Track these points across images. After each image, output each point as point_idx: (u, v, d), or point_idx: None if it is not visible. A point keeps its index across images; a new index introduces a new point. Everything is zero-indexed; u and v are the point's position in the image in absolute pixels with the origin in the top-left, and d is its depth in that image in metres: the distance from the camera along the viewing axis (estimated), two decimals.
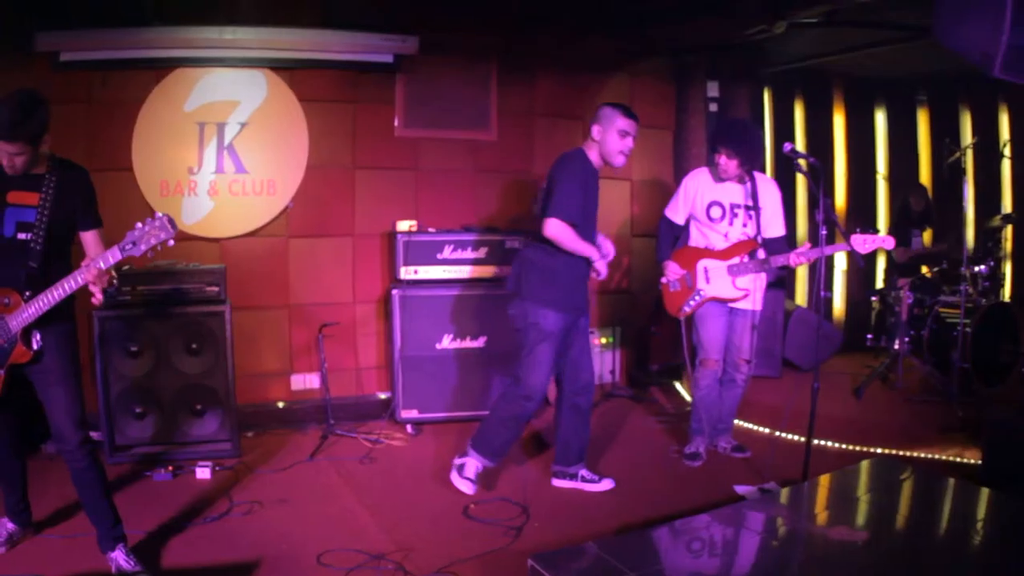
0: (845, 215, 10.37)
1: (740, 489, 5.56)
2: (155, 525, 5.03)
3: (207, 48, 6.85)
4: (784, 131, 9.97)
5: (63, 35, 6.51)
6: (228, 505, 5.42)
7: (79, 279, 4.01)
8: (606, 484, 5.72)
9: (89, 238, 4.33)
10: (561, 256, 5.34)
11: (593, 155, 5.46)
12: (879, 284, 9.95)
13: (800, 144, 10.13)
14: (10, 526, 4.71)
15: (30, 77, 6.27)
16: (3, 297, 4.10)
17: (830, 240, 5.55)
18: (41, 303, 4.04)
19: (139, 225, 4.01)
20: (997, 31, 4.43)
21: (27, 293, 4.08)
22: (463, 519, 5.23)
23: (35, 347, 4.16)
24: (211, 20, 6.77)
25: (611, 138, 5.38)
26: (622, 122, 5.40)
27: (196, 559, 4.62)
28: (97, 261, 4.00)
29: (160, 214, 4.07)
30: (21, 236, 4.13)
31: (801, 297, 10.13)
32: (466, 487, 5.52)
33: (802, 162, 5.41)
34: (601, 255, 5.42)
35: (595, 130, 5.43)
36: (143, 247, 4.01)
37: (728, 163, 5.85)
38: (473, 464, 5.54)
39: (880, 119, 10.61)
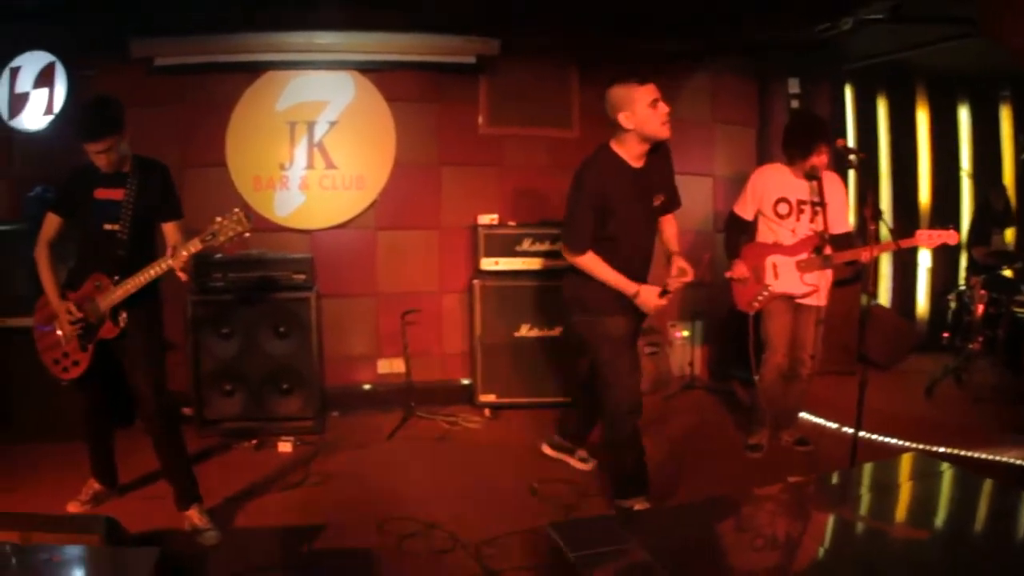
0: (929, 212, 10.18)
1: (795, 481, 5.54)
2: (233, 492, 5.34)
3: (297, 52, 7.13)
4: (867, 128, 9.84)
5: (156, 41, 6.86)
6: (304, 475, 5.69)
7: (165, 264, 4.40)
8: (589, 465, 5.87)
9: (169, 228, 4.71)
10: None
11: (629, 148, 4.84)
12: (961, 283, 9.64)
13: (883, 141, 9.97)
14: (97, 486, 5.08)
15: (126, 82, 6.64)
16: (95, 280, 4.55)
17: (879, 238, 5.43)
18: (129, 285, 4.45)
19: (218, 219, 4.39)
20: None
21: (116, 277, 4.50)
22: (523, 496, 5.36)
23: (121, 324, 4.57)
24: (300, 25, 7.04)
25: (645, 115, 4.71)
26: (640, 91, 4.72)
27: (266, 521, 4.91)
28: (181, 250, 4.37)
29: (236, 209, 4.42)
30: (108, 227, 4.55)
31: (884, 295, 10.00)
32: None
33: (852, 158, 5.38)
34: (634, 292, 4.86)
35: (623, 117, 4.71)
36: (221, 238, 4.38)
37: (825, 158, 5.80)
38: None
39: (963, 116, 10.36)
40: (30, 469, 5.72)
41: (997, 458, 5.95)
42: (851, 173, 6.26)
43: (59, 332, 4.66)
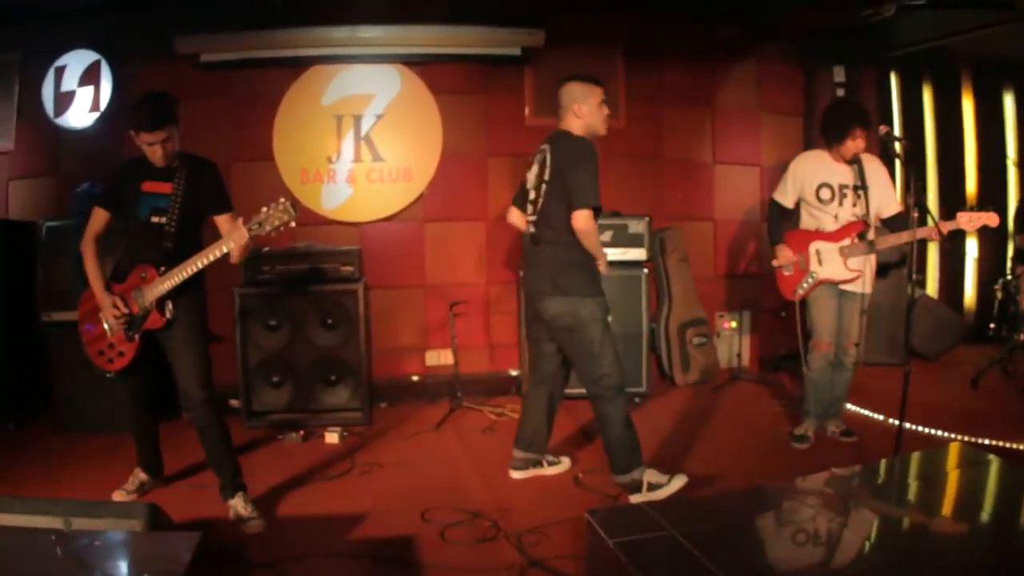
0: (976, 199, 9.95)
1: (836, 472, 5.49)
2: (278, 481, 5.35)
3: (341, 46, 7.17)
4: (913, 115, 9.69)
5: (201, 38, 6.96)
6: (349, 465, 5.70)
7: (216, 253, 4.46)
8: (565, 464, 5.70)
9: (222, 221, 4.75)
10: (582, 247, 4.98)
11: (579, 134, 5.10)
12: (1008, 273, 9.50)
13: (928, 128, 9.81)
14: (143, 476, 5.13)
15: (171, 78, 6.68)
16: (141, 271, 4.60)
17: (926, 222, 5.36)
18: (176, 275, 4.50)
19: (264, 209, 4.41)
20: None
21: (162, 268, 4.54)
22: (567, 487, 5.33)
23: (167, 315, 4.61)
24: (344, 19, 7.08)
25: (596, 110, 5.11)
26: (597, 93, 5.13)
27: (310, 510, 4.90)
28: (227, 240, 4.43)
29: (282, 199, 4.43)
30: (155, 220, 4.61)
31: (931, 285, 9.84)
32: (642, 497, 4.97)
33: (896, 145, 5.30)
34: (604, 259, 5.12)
35: (578, 108, 5.08)
36: (267, 228, 4.40)
37: (863, 142, 5.74)
38: (649, 473, 5.03)
39: (1009, 103, 10.15)
40: (76, 459, 5.81)
41: None
42: (897, 160, 6.15)
43: (104, 324, 4.71)
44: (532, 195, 5.23)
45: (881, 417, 6.77)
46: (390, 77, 7.42)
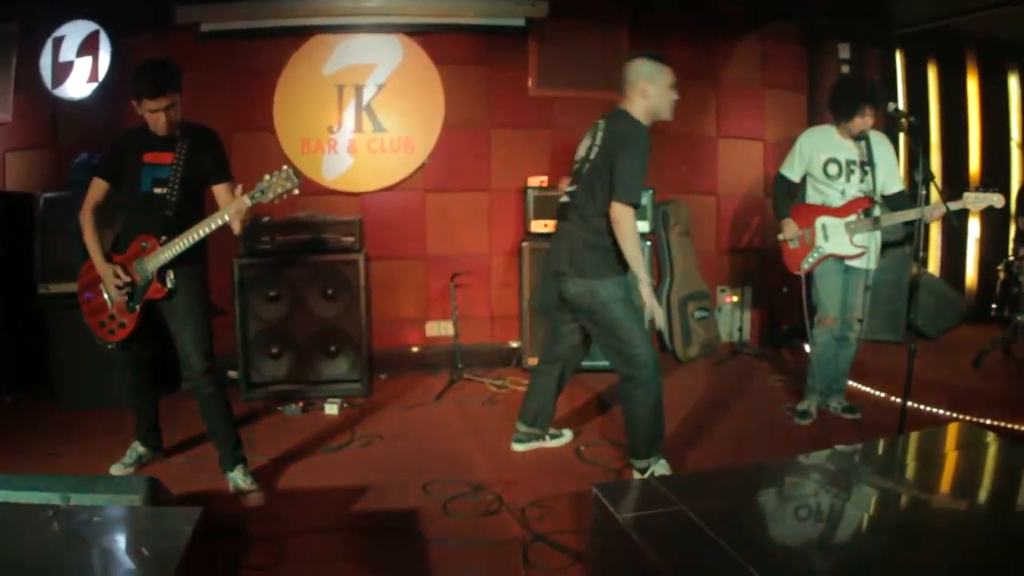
0: (979, 179, 9.87)
1: (841, 449, 5.41)
2: (278, 453, 5.29)
3: (343, 16, 7.05)
4: (918, 94, 9.56)
5: (202, 7, 6.81)
6: (349, 437, 5.63)
7: (216, 222, 4.37)
8: (566, 436, 5.65)
9: (220, 191, 4.67)
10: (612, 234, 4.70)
11: (640, 115, 4.77)
12: (1011, 254, 9.39)
13: (933, 108, 9.69)
14: (140, 449, 5.06)
15: (171, 49, 6.62)
16: (142, 241, 4.51)
17: (928, 201, 5.29)
18: (178, 244, 4.41)
19: (266, 177, 4.33)
20: None
21: (163, 238, 4.45)
22: (569, 460, 5.27)
23: (168, 285, 4.53)
24: None
25: (666, 92, 4.76)
26: (669, 75, 4.79)
27: (310, 483, 4.83)
28: (230, 207, 4.33)
29: (285, 167, 4.36)
30: (157, 191, 4.51)
31: (933, 264, 9.76)
32: None
33: (903, 121, 5.21)
34: (648, 281, 4.71)
35: (647, 88, 4.73)
36: (270, 195, 4.32)
37: (870, 120, 5.67)
38: (661, 466, 4.86)
39: (1014, 84, 10.05)
40: (75, 433, 5.72)
41: None
42: (901, 137, 6.08)
43: (105, 295, 4.63)
44: (575, 167, 5.07)
45: (883, 394, 6.74)
46: (392, 47, 7.30)
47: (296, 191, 4.38)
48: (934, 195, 5.25)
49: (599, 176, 4.72)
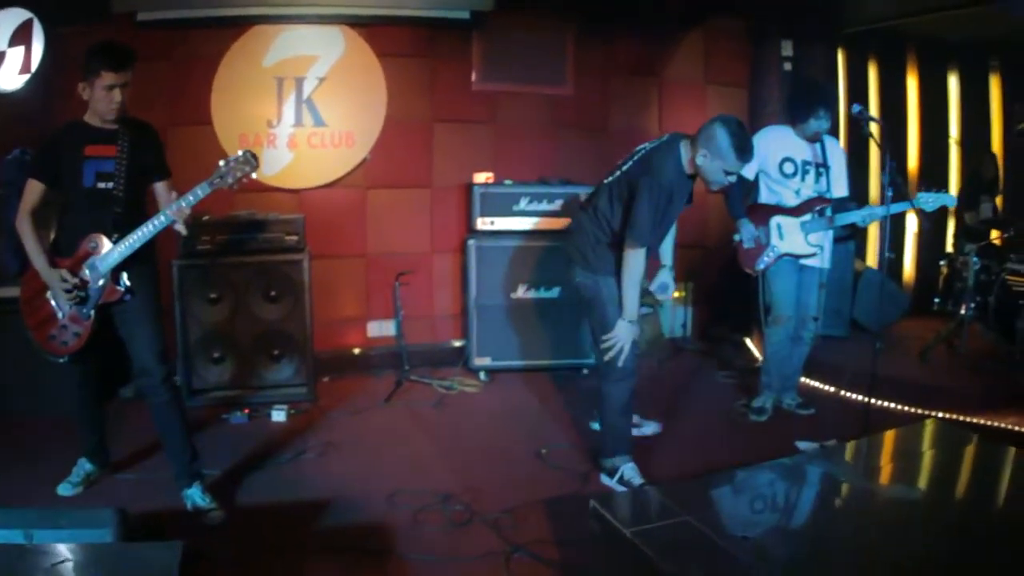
0: (917, 178, 9.86)
1: (802, 445, 5.40)
2: (230, 465, 4.99)
3: (284, 5, 6.69)
4: (858, 92, 9.48)
5: None
6: (302, 447, 5.35)
7: (168, 214, 4.09)
8: (651, 427, 5.68)
9: (161, 187, 4.41)
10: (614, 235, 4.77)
11: (687, 155, 4.65)
12: (949, 248, 9.45)
13: (873, 106, 9.64)
14: (88, 466, 4.68)
15: (108, 37, 6.21)
16: (90, 241, 4.15)
17: (897, 200, 5.33)
18: (130, 242, 4.11)
19: (222, 162, 4.15)
20: None
21: (115, 236, 4.13)
22: (532, 462, 5.15)
23: (123, 286, 4.20)
24: None
25: (717, 171, 4.56)
26: (733, 164, 4.55)
27: (270, 498, 4.56)
28: (187, 196, 4.07)
29: (242, 150, 4.19)
30: (102, 185, 4.17)
31: (872, 258, 9.70)
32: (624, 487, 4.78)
33: (873, 127, 5.15)
34: (629, 319, 4.67)
35: (702, 156, 4.54)
36: (230, 179, 4.12)
37: (825, 125, 5.71)
38: (629, 468, 4.79)
39: (953, 83, 10.12)
40: (18, 447, 5.25)
41: (994, 424, 5.81)
42: (871, 139, 6.00)
43: (53, 305, 4.25)
44: (614, 168, 5.02)
45: (832, 389, 6.78)
46: (334, 38, 6.96)
47: (254, 175, 4.25)
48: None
49: (618, 194, 4.80)
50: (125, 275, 4.19)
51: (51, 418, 5.37)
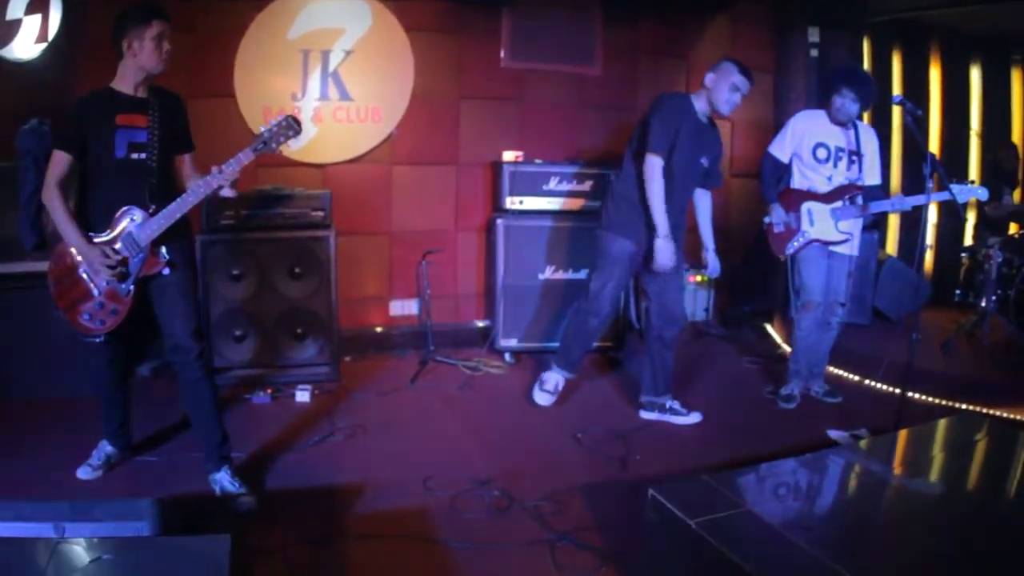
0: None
1: (833, 434, 5.28)
2: (256, 447, 4.77)
3: None
4: (881, 81, 9.28)
5: None
6: (330, 428, 5.13)
7: (216, 179, 3.90)
8: (694, 417, 5.53)
9: (187, 159, 4.24)
10: (640, 190, 5.17)
11: (701, 103, 5.24)
12: (968, 240, 9.43)
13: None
14: (109, 449, 4.45)
15: (127, 7, 5.91)
16: (130, 214, 3.92)
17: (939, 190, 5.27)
18: (170, 211, 3.90)
19: (264, 128, 3.99)
20: None
21: (152, 208, 3.91)
22: (568, 446, 4.99)
23: (164, 258, 3.98)
24: None
25: (723, 89, 5.13)
26: (737, 78, 5.14)
27: (301, 482, 4.35)
28: (231, 162, 3.90)
29: (285, 115, 4.03)
30: (135, 156, 3.95)
31: (892, 246, 9.58)
32: (544, 399, 5.68)
33: (910, 117, 5.00)
34: (663, 234, 5.10)
35: (709, 78, 5.20)
36: (274, 145, 4.01)
37: (852, 107, 5.55)
38: (553, 378, 5.67)
39: (975, 75, 10.00)
40: (32, 429, 4.97)
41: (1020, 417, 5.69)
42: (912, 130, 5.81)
43: (88, 282, 3.99)
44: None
45: (856, 378, 6.68)
46: (361, 11, 6.69)
47: (294, 142, 4.40)
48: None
49: (636, 143, 5.28)
50: (164, 248, 3.96)
51: (57, 399, 5.20)
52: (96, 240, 3.90)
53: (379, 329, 7.14)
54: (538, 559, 3.57)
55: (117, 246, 3.89)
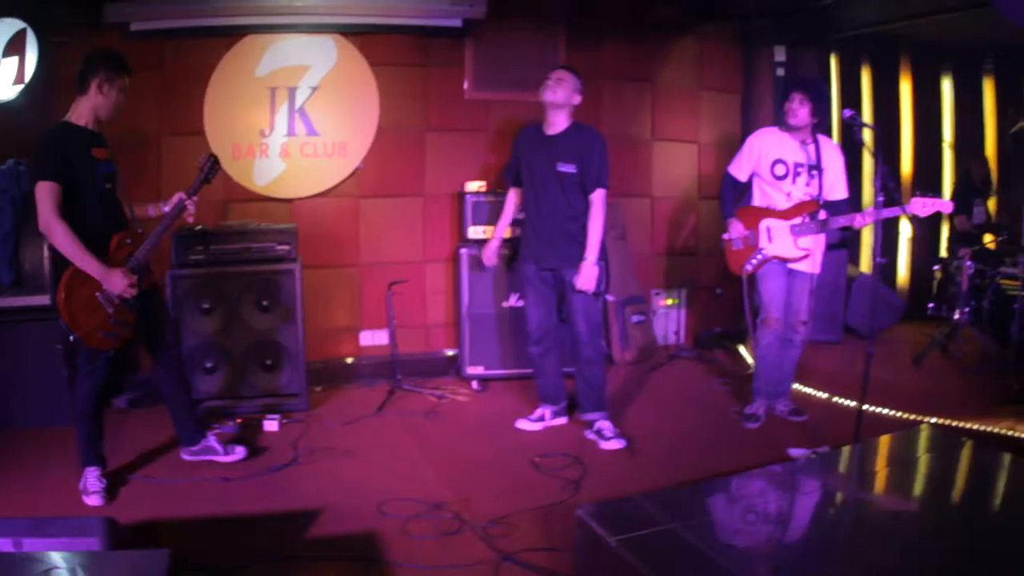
0: (911, 182, 10.06)
1: (793, 452, 5.42)
2: (223, 474, 5.07)
3: (277, 15, 6.79)
4: (850, 97, 9.64)
5: (132, 5, 6.48)
6: (294, 455, 5.42)
7: (182, 205, 4.73)
8: (614, 444, 5.61)
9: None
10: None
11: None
12: (943, 253, 9.63)
13: (866, 110, 9.84)
14: (97, 470, 4.74)
15: (107, 46, 6.30)
16: (125, 238, 4.50)
17: (889, 206, 5.34)
18: (156, 236, 4.59)
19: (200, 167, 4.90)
20: None
21: (139, 230, 4.57)
22: (525, 471, 5.19)
23: (151, 274, 4.74)
24: None
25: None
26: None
27: (262, 506, 4.62)
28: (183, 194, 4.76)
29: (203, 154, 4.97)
30: (108, 187, 4.51)
31: (865, 263, 9.78)
32: (524, 425, 6.03)
33: (866, 133, 5.21)
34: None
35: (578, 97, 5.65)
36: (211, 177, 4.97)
37: (800, 108, 5.66)
38: (540, 410, 6.06)
39: (947, 87, 10.25)
40: (10, 457, 5.33)
41: (988, 428, 5.86)
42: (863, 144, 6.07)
43: (106, 304, 4.44)
44: None
45: (825, 395, 6.78)
46: (327, 48, 7.05)
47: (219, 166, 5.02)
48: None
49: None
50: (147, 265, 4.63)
51: (37, 428, 5.62)
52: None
53: (349, 359, 7.43)
54: None
55: (129, 266, 4.45)
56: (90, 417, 4.71)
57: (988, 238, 8.33)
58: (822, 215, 5.71)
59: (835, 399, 6.64)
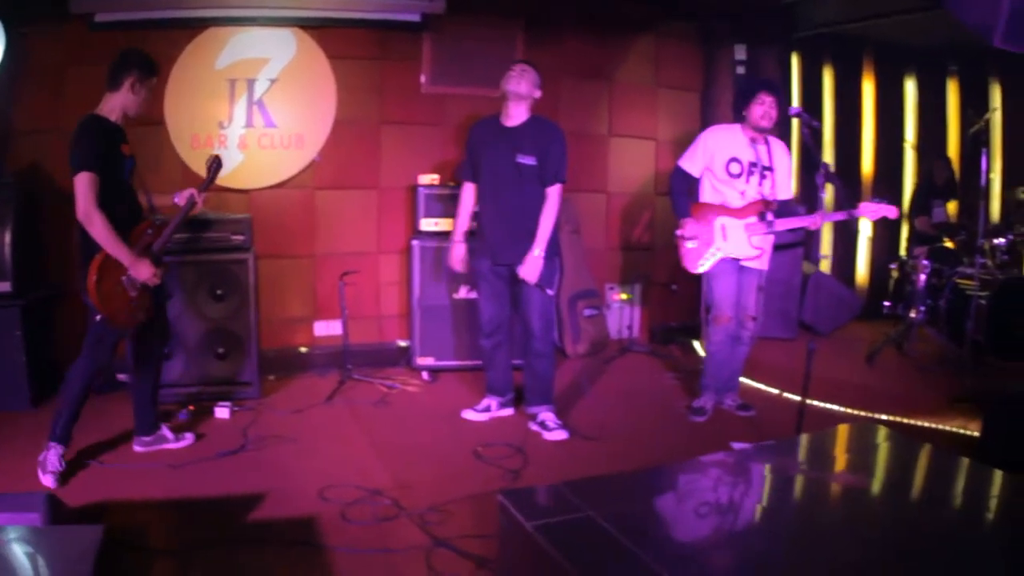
0: (872, 182, 10.26)
1: (736, 446, 5.49)
2: (172, 460, 5.24)
3: (238, 7, 6.95)
4: (812, 96, 9.82)
5: None
6: (242, 442, 5.59)
7: (194, 199, 5.17)
8: (557, 435, 5.78)
9: None
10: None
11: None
12: (903, 252, 9.72)
13: (828, 110, 10.02)
14: (64, 449, 4.90)
15: (65, 40, 6.55)
16: (147, 228, 4.89)
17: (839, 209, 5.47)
18: (173, 226, 5.06)
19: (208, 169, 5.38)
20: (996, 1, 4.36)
21: (158, 220, 4.97)
22: (467, 461, 5.35)
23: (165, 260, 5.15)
24: None
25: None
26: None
27: (207, 490, 4.78)
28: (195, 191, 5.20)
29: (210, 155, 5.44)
30: (129, 180, 4.94)
31: (825, 262, 10.02)
32: (470, 416, 6.20)
33: (804, 129, 5.35)
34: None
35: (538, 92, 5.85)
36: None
37: (773, 111, 5.81)
38: (487, 401, 6.25)
39: (910, 88, 10.41)
40: None
41: (938, 426, 6.02)
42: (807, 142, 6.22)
43: (129, 287, 4.80)
44: None
45: (776, 391, 6.96)
46: (286, 41, 7.22)
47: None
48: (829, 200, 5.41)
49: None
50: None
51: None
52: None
53: (304, 349, 7.61)
54: (413, 564, 3.96)
55: (154, 255, 4.86)
56: (78, 395, 4.91)
57: (948, 240, 8.54)
58: (770, 216, 5.83)
59: (785, 394, 6.79)
